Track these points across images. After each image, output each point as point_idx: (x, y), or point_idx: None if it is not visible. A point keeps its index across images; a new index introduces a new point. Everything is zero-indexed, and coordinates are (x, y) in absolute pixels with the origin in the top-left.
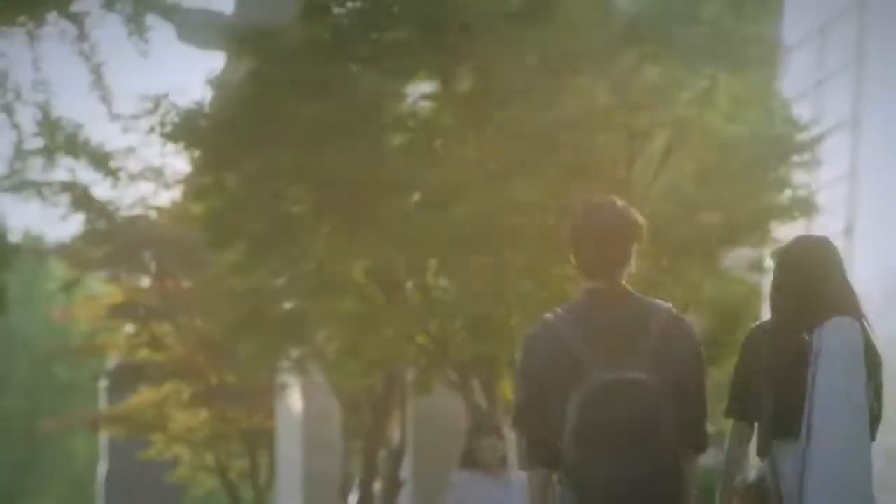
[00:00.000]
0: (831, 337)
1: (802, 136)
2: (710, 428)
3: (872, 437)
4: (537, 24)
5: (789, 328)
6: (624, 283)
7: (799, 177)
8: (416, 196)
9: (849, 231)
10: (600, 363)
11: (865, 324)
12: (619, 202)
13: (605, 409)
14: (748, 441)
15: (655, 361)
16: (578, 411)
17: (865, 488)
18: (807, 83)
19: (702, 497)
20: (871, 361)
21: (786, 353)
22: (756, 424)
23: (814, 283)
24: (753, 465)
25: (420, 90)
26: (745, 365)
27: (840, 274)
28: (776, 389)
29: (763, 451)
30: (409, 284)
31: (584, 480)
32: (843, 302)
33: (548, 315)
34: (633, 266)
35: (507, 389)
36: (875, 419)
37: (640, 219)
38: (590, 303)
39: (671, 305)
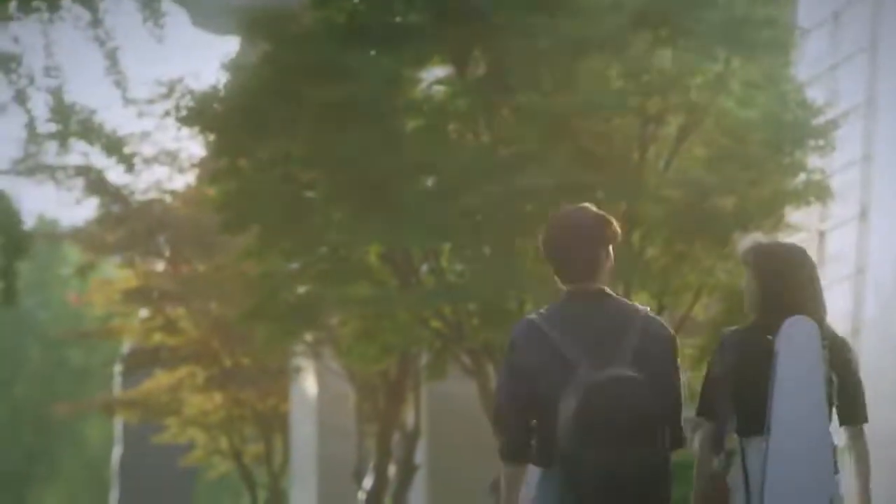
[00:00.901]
0: (788, 337)
1: (816, 121)
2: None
3: (840, 423)
4: (550, 9)
5: (756, 330)
6: (601, 285)
7: (813, 161)
8: (430, 181)
9: (863, 215)
10: (589, 362)
11: (827, 323)
12: (592, 208)
13: (601, 405)
14: (720, 439)
15: (638, 360)
16: (575, 408)
17: (823, 482)
18: (821, 67)
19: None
20: (839, 358)
21: (752, 354)
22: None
23: (779, 287)
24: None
25: (434, 75)
26: (716, 366)
27: (807, 278)
28: (743, 389)
29: (718, 449)
30: (423, 269)
31: (579, 473)
32: (806, 303)
33: (532, 315)
34: (610, 267)
35: None
36: (851, 417)
37: (614, 221)
38: (572, 304)
39: (647, 307)
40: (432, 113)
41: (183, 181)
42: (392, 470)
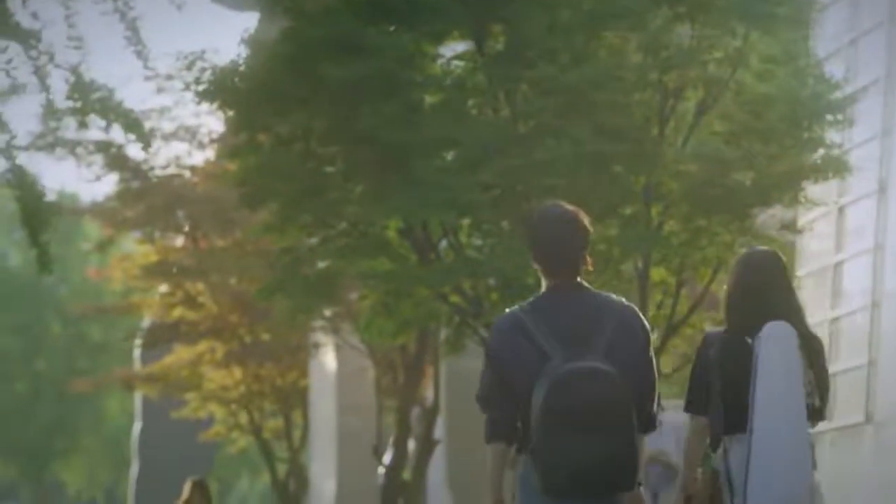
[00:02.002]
0: (768, 341)
1: (835, 96)
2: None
3: (814, 424)
4: None
5: (736, 332)
6: (580, 280)
7: (832, 136)
8: (449, 155)
9: (882, 190)
10: (563, 353)
11: (801, 320)
12: (569, 207)
13: (569, 395)
14: (705, 434)
15: (611, 351)
16: (545, 397)
17: (804, 479)
18: (840, 42)
19: None
20: (812, 348)
21: (733, 356)
22: (710, 419)
23: (758, 292)
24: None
25: (453, 50)
26: (700, 366)
27: (784, 283)
28: (725, 388)
29: (715, 445)
30: (442, 244)
31: (547, 460)
32: (782, 307)
33: (514, 308)
34: (587, 264)
35: None
36: (817, 412)
37: (587, 222)
38: (551, 298)
39: (623, 299)
40: (451, 88)
41: (202, 157)
42: (411, 445)
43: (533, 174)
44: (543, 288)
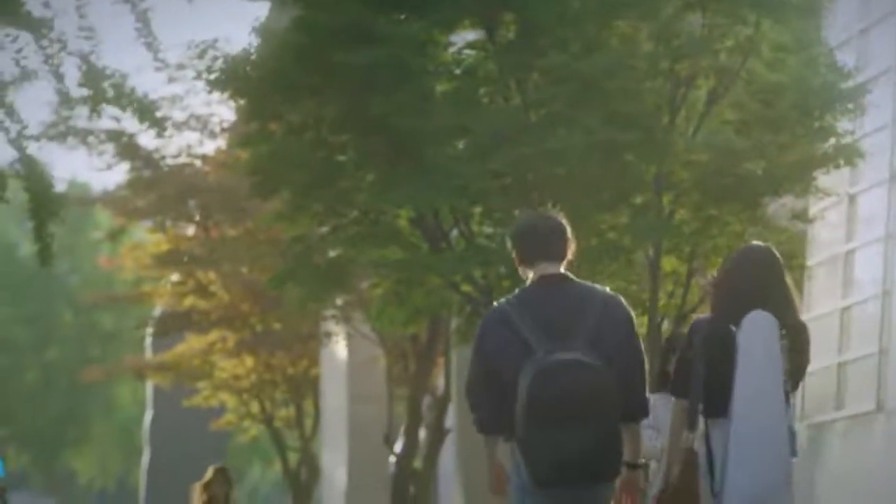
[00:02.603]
0: (750, 330)
1: (846, 85)
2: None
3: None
4: None
5: (722, 320)
6: (564, 272)
7: (843, 125)
8: (461, 144)
9: (893, 179)
10: (547, 345)
11: (791, 312)
12: (552, 212)
13: (552, 386)
14: (689, 416)
15: (596, 341)
16: (529, 388)
17: (781, 462)
18: (851, 31)
19: None
20: (797, 339)
21: (717, 343)
22: (691, 402)
23: (745, 284)
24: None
25: (464, 39)
26: (686, 352)
27: (773, 277)
28: (709, 374)
29: (692, 426)
30: (454, 232)
31: (532, 451)
32: (768, 299)
33: (502, 301)
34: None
35: None
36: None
37: (567, 224)
38: (536, 290)
39: (607, 289)
40: (462, 76)
41: (214, 146)
42: (422, 434)
43: (544, 163)
44: (528, 281)
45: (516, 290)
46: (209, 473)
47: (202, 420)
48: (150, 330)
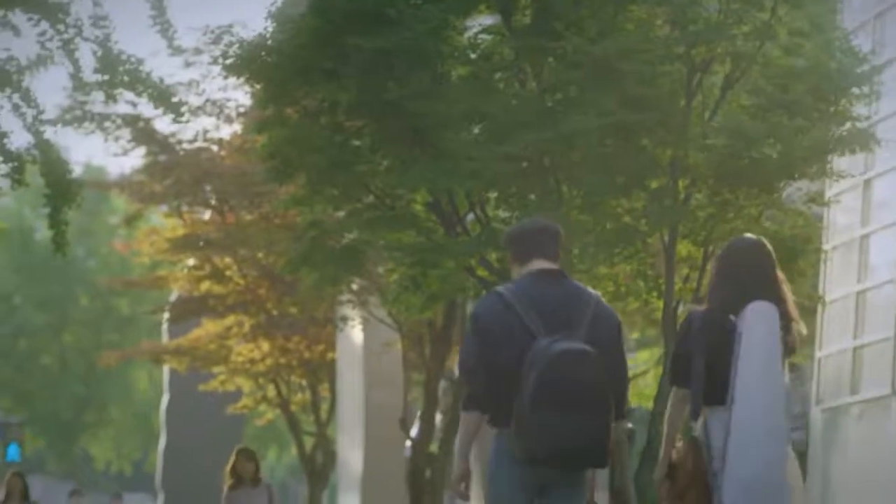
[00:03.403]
0: (751, 319)
1: (862, 69)
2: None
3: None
4: None
5: (720, 311)
6: (559, 267)
7: (859, 109)
8: (476, 128)
9: None
10: (549, 334)
11: (785, 307)
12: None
13: (561, 373)
14: (686, 404)
15: (590, 336)
16: (539, 374)
17: (780, 448)
18: (866, 15)
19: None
20: (789, 331)
21: (716, 333)
22: (691, 391)
23: (742, 274)
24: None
25: (480, 23)
26: (683, 342)
27: (767, 268)
28: (708, 363)
29: (695, 415)
30: (469, 217)
31: (533, 432)
32: (766, 290)
33: (499, 288)
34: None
35: None
36: None
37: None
38: (534, 282)
39: (599, 293)
40: (478, 60)
41: (230, 130)
42: (438, 418)
43: (560, 147)
44: (520, 276)
45: (511, 282)
46: (233, 456)
47: (218, 404)
48: (166, 315)
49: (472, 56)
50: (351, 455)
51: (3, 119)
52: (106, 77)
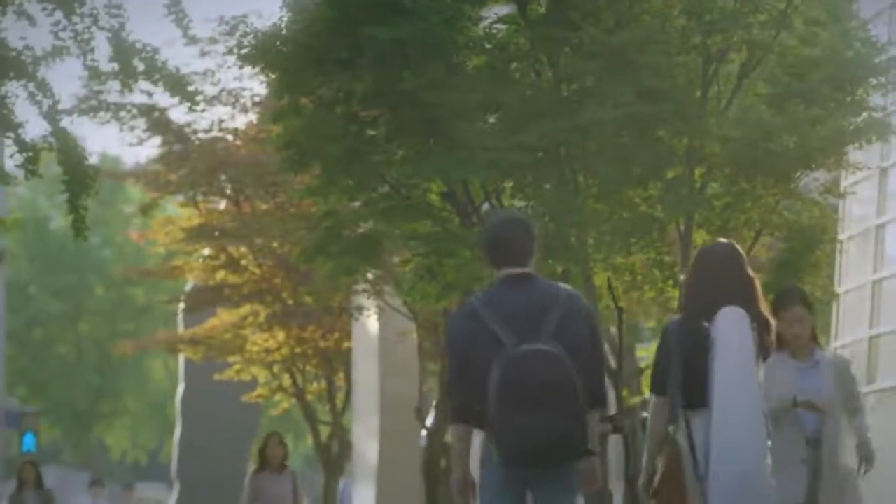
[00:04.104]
0: (723, 324)
1: (879, 58)
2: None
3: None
4: None
5: (695, 317)
6: (529, 271)
7: (875, 99)
8: (492, 118)
9: None
10: (515, 337)
11: (757, 308)
12: (517, 212)
13: (521, 375)
14: (673, 411)
15: (559, 334)
16: (500, 376)
17: (759, 446)
18: (883, 4)
19: None
20: (763, 332)
21: (691, 340)
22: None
23: (715, 281)
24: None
25: (496, 13)
26: (662, 351)
27: (740, 274)
28: (686, 369)
29: (673, 419)
30: (485, 206)
31: (503, 434)
32: (738, 295)
33: (470, 299)
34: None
35: None
36: None
37: (533, 224)
38: (503, 288)
39: (570, 287)
40: (494, 51)
41: (245, 120)
42: None
43: (575, 137)
44: (496, 279)
45: (483, 289)
46: (262, 439)
47: (234, 394)
48: (181, 304)
49: (488, 46)
50: (366, 444)
51: (19, 109)
52: (121, 66)
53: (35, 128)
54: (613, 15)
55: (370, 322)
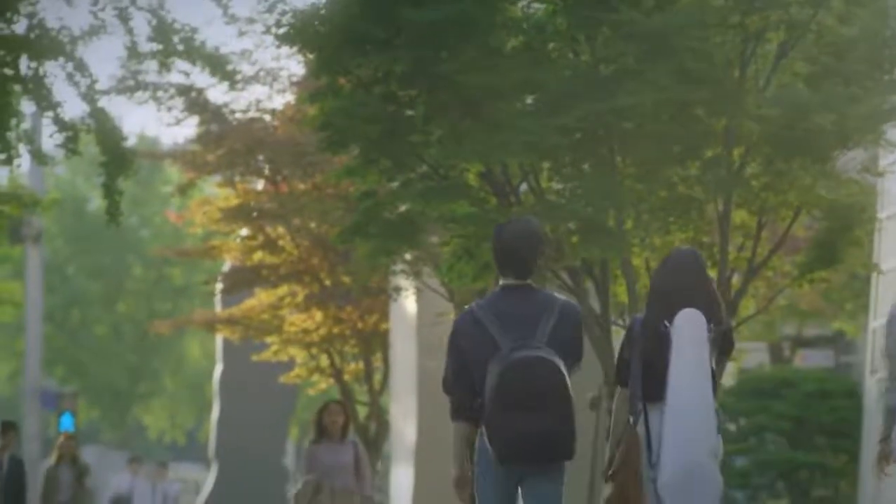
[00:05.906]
0: (680, 325)
1: None
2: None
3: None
4: None
5: (656, 317)
6: (529, 281)
7: None
8: (530, 99)
9: None
10: (511, 343)
11: (716, 311)
12: (530, 222)
13: (516, 378)
14: (632, 402)
15: (552, 339)
16: (497, 380)
17: (709, 438)
18: None
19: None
20: (721, 334)
21: (652, 338)
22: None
23: (676, 285)
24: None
25: None
26: (626, 346)
27: (698, 277)
28: (646, 364)
29: (633, 411)
30: (522, 187)
31: (498, 434)
32: (696, 297)
33: (472, 304)
34: (538, 265)
35: (622, 292)
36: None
37: (544, 232)
38: (503, 296)
39: (563, 297)
40: (532, 31)
41: (283, 100)
42: None
43: (614, 118)
44: (498, 286)
45: (485, 296)
46: (320, 408)
47: (271, 374)
48: (219, 285)
49: (525, 27)
50: (404, 424)
51: (57, 89)
52: (160, 46)
53: (73, 108)
54: None
55: (408, 303)
